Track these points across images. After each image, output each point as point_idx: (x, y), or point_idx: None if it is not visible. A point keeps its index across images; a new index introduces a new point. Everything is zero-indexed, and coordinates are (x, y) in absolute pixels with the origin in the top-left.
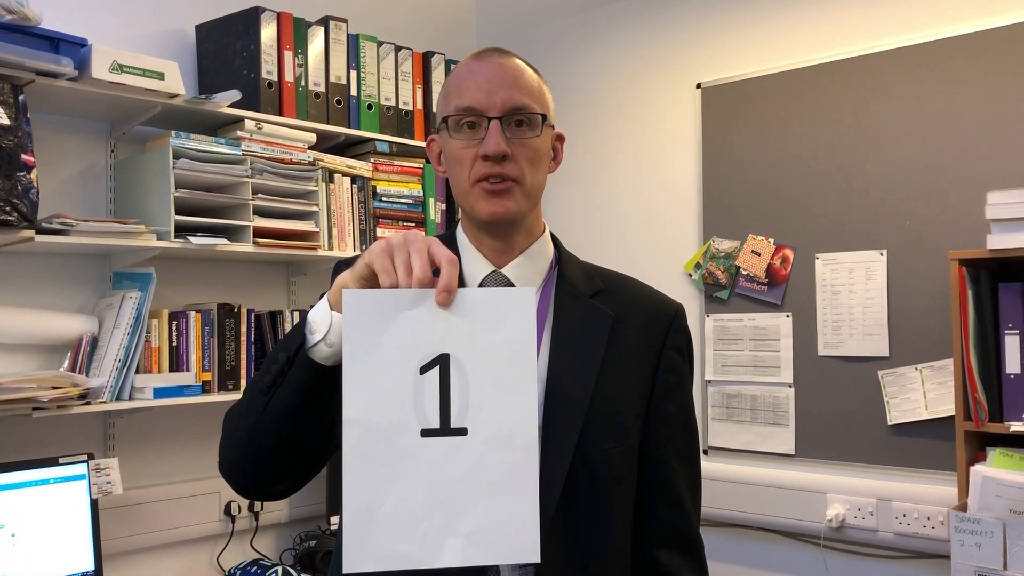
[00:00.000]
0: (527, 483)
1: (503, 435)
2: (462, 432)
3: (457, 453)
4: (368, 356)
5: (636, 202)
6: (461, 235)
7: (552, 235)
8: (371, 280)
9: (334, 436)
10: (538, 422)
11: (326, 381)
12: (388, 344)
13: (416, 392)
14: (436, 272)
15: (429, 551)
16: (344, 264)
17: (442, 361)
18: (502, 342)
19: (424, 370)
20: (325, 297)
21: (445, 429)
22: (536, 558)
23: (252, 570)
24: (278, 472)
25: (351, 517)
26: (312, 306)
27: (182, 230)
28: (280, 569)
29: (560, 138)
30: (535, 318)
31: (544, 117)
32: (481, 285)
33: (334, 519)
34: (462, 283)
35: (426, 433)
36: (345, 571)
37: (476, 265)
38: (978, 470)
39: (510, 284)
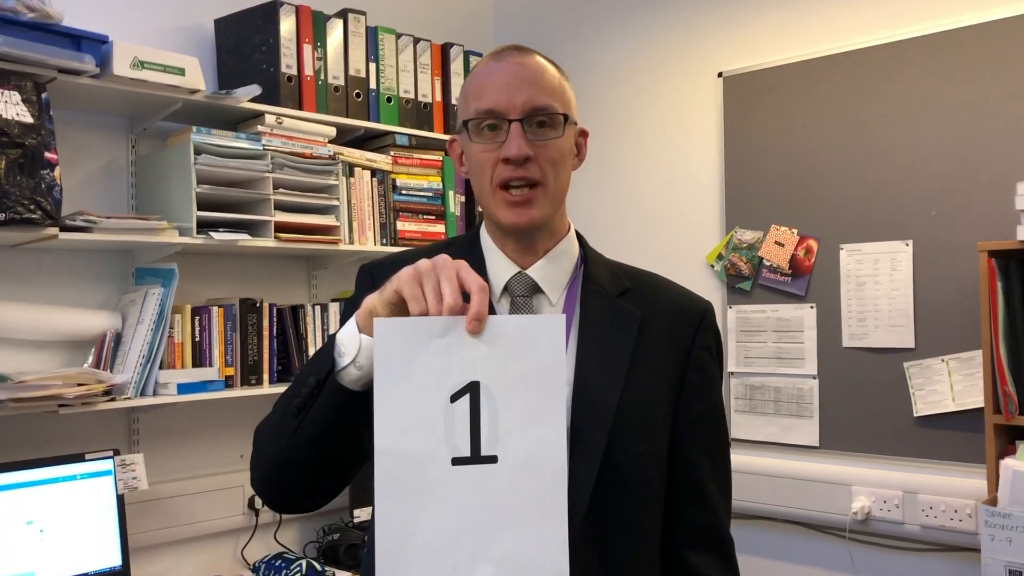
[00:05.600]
0: (556, 510)
1: (532, 462)
2: (492, 460)
3: (487, 481)
4: (399, 385)
5: (657, 192)
6: (485, 236)
7: (577, 233)
8: (400, 306)
9: (363, 453)
10: (566, 446)
11: (356, 404)
12: (419, 372)
13: (447, 420)
14: (466, 297)
15: None
16: (368, 268)
17: (472, 389)
18: (532, 370)
19: (455, 398)
20: (353, 319)
21: (475, 457)
22: None
23: (276, 563)
24: (309, 489)
25: (383, 545)
26: (336, 299)
27: (204, 226)
28: (304, 562)
29: (584, 134)
30: (564, 345)
31: (566, 117)
32: (506, 287)
33: (357, 512)
34: (489, 291)
35: (457, 461)
36: None
37: (501, 267)
38: (1008, 464)
39: (535, 285)
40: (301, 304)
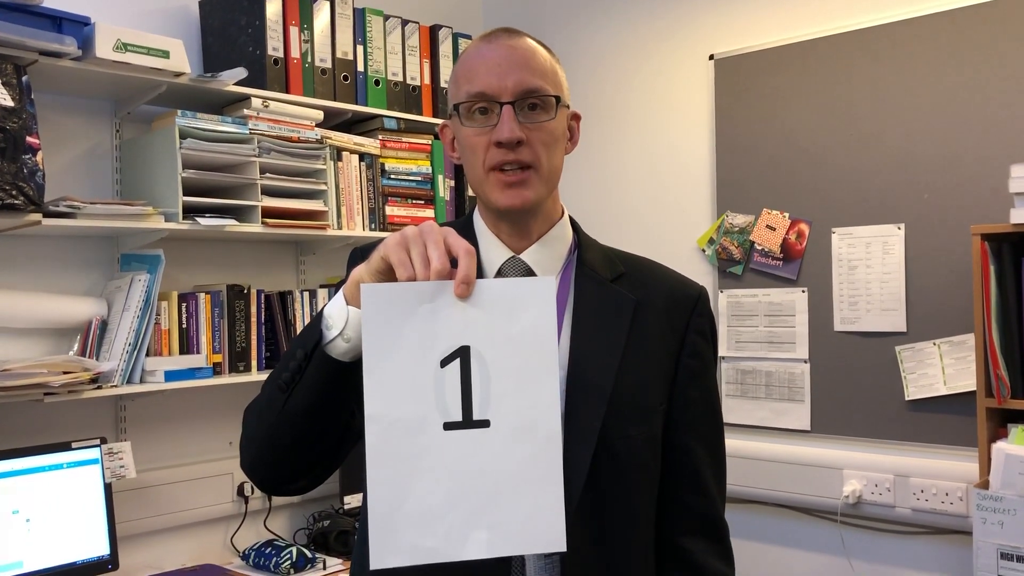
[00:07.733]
0: (551, 473)
1: (525, 426)
2: (484, 424)
3: (480, 445)
4: (388, 351)
5: (647, 176)
6: (478, 221)
7: (571, 219)
8: (387, 274)
9: (353, 431)
10: (561, 411)
11: (344, 377)
12: (408, 338)
13: (437, 385)
14: (454, 263)
15: (455, 544)
16: (359, 251)
17: (462, 353)
18: (522, 332)
19: (445, 363)
20: (340, 292)
21: (467, 422)
22: (562, 547)
23: (266, 551)
24: (299, 469)
25: (376, 513)
26: (324, 285)
27: (190, 211)
28: (294, 549)
29: (576, 117)
30: (555, 307)
31: (558, 99)
32: (499, 272)
33: (347, 498)
34: (480, 271)
35: (448, 426)
36: (372, 567)
37: (494, 252)
38: (1000, 448)
39: (529, 270)
40: (289, 290)
